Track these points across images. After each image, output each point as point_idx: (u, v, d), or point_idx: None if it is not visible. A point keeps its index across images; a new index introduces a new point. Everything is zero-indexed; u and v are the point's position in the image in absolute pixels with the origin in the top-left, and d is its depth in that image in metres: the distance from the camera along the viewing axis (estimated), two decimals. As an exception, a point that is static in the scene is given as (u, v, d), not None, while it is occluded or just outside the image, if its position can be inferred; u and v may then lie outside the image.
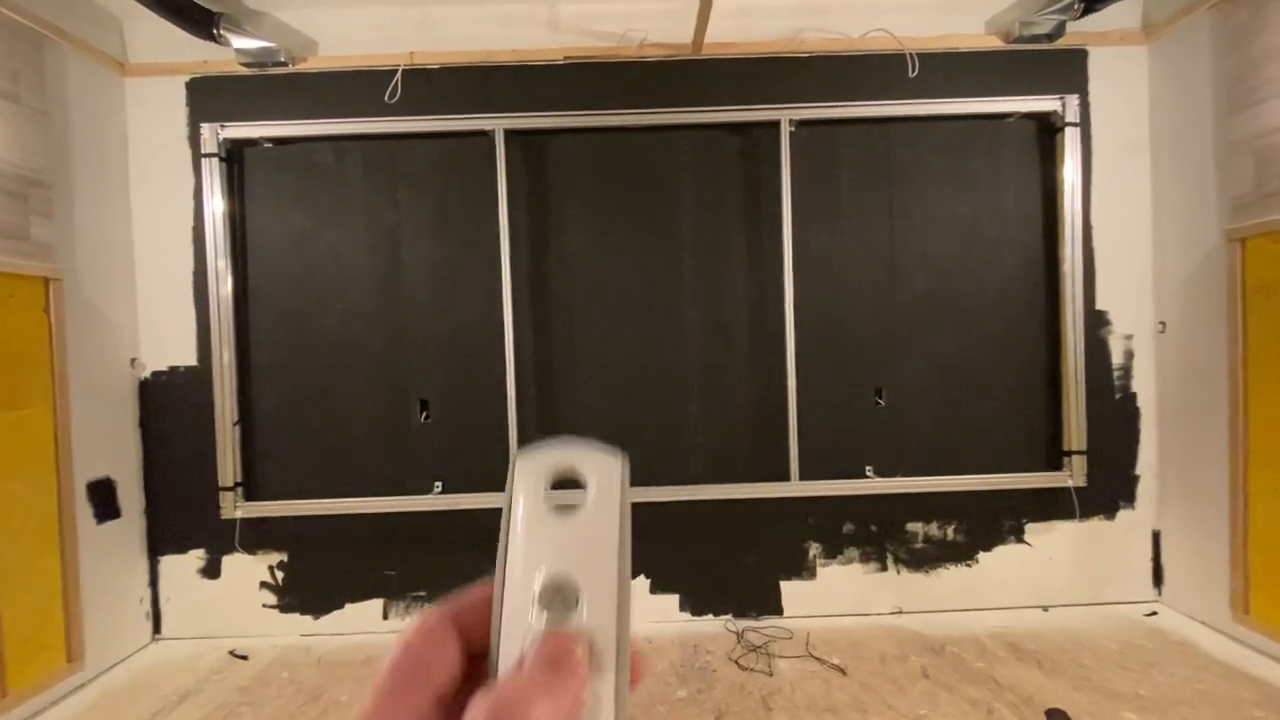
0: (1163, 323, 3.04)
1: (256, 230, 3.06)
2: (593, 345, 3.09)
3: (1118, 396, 3.11)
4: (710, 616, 3.11)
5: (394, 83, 3.00)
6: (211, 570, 3.08)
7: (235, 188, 3.04)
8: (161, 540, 3.07)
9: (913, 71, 3.02)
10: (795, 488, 3.02)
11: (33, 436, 2.49)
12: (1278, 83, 2.46)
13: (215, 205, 2.96)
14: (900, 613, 3.11)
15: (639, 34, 3.01)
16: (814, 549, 3.12)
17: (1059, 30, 2.96)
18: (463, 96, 3.04)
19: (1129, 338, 3.10)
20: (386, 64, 3.01)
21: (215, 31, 2.83)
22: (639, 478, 3.04)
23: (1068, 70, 3.06)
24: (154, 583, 3.08)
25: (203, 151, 2.95)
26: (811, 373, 3.05)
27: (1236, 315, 2.64)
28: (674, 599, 3.11)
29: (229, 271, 3.00)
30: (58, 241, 2.64)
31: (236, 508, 2.98)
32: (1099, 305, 3.09)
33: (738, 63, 3.05)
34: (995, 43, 3.05)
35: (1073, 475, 3.02)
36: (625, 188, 3.08)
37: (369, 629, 3.09)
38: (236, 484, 2.99)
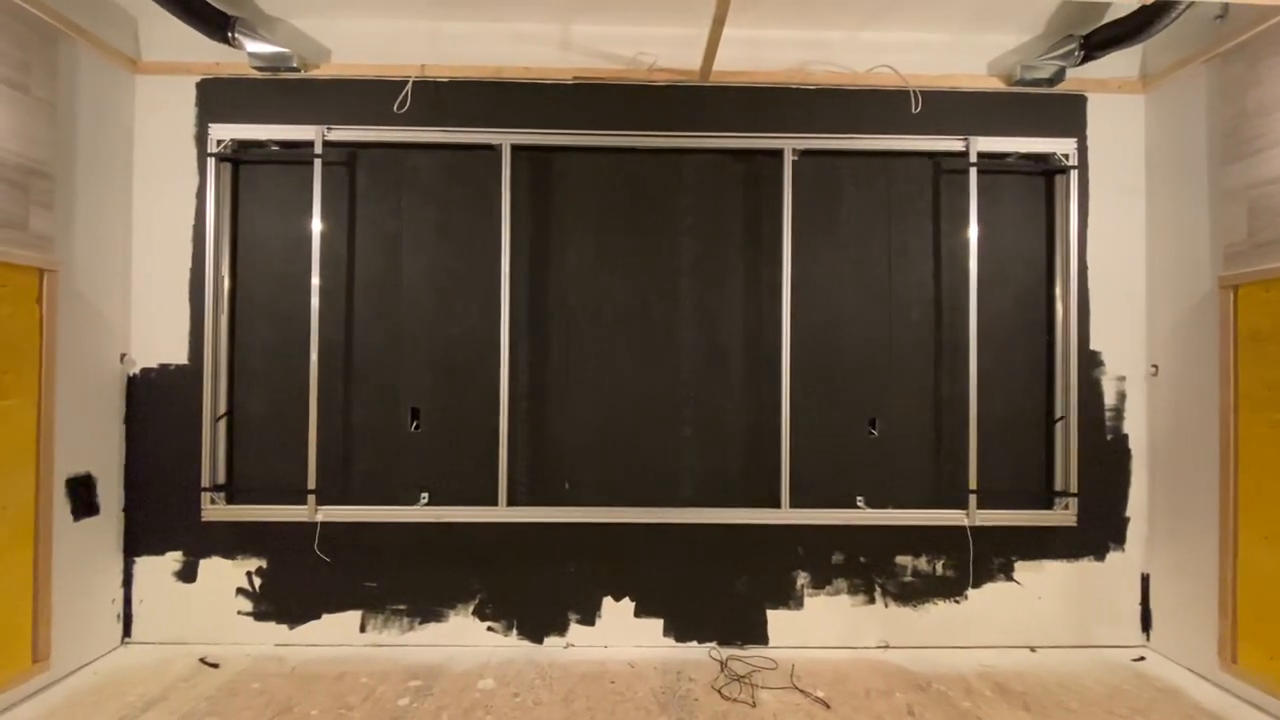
0: (1155, 366, 3.06)
1: (257, 233, 3.05)
2: (588, 362, 3.08)
3: (1109, 437, 3.11)
4: (694, 643, 3.06)
5: (404, 93, 3.03)
6: (188, 574, 3.02)
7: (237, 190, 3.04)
8: (139, 540, 3.01)
9: (916, 108, 3.08)
10: (786, 515, 3.00)
11: (14, 428, 2.45)
12: (1271, 135, 2.52)
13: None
14: (887, 647, 3.06)
15: (649, 58, 3.06)
16: (802, 578, 3.08)
17: (1059, 75, 3.02)
18: (471, 110, 3.06)
19: (1122, 379, 3.12)
20: (397, 74, 3.04)
21: (230, 35, 2.87)
22: (627, 498, 3.02)
23: (1068, 114, 3.12)
24: (128, 583, 3.01)
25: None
26: (805, 400, 3.05)
27: (1228, 361, 2.66)
28: (658, 624, 3.06)
29: (227, 272, 2.99)
30: (56, 233, 2.63)
31: (317, 511, 2.93)
32: (1093, 345, 3.11)
33: (744, 91, 3.10)
34: (997, 84, 3.11)
35: (969, 515, 2.99)
36: (628, 208, 3.10)
37: (345, 641, 3.02)
38: (313, 489, 2.95)
